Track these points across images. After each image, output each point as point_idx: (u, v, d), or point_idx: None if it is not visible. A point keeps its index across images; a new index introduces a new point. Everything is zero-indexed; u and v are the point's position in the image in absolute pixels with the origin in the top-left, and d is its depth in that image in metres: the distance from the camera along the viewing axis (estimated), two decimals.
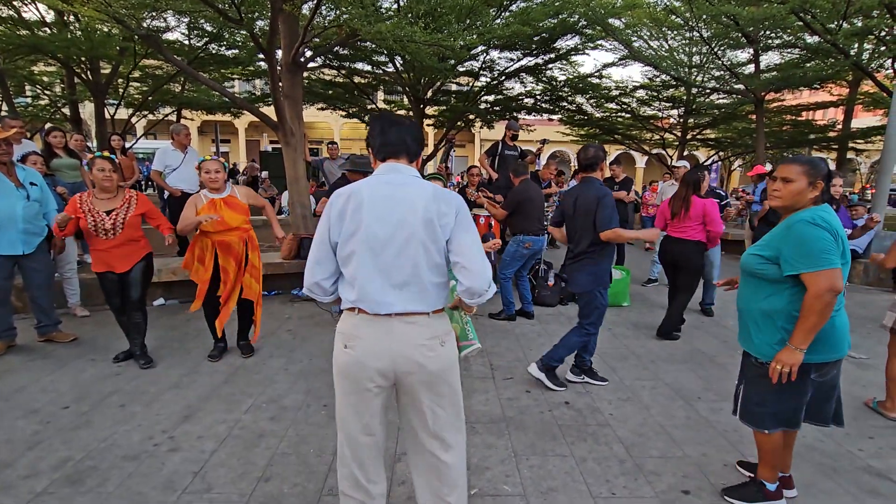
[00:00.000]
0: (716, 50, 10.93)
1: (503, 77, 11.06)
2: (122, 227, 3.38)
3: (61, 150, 5.11)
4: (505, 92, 11.93)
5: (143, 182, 10.65)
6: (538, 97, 11.79)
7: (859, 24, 8.20)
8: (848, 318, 2.01)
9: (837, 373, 2.03)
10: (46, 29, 8.48)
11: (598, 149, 3.21)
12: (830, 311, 1.81)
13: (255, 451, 2.53)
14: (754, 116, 11.03)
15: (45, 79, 10.42)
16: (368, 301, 1.55)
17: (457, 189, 11.55)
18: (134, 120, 11.64)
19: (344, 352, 1.61)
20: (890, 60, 8.75)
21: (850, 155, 14.91)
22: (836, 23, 7.63)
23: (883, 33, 8.27)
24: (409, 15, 6.26)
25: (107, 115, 9.93)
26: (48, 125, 7.82)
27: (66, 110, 10.26)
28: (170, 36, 9.51)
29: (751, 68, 11.03)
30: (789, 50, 10.88)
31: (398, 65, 9.77)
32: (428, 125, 12.71)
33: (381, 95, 13.61)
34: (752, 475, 2.26)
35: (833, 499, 2.24)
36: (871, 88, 10.94)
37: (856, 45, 9.36)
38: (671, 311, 4.42)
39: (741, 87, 10.60)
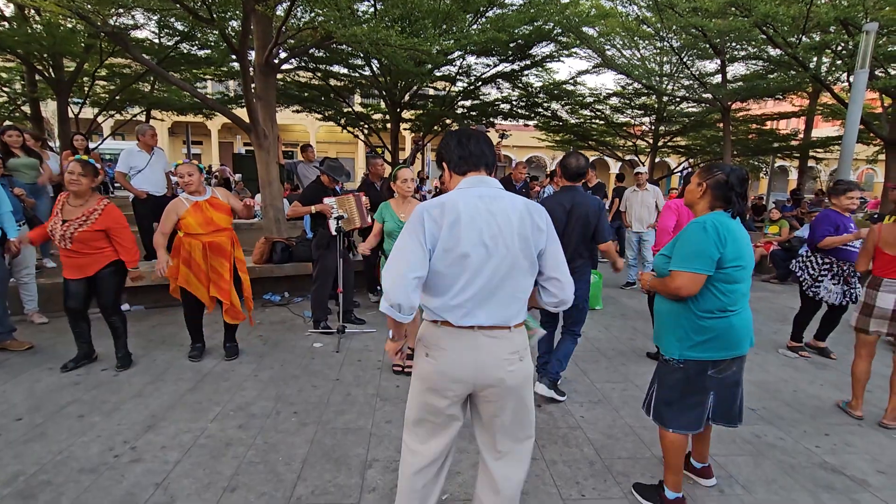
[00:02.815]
0: (685, 60, 11.29)
1: (480, 82, 11.17)
2: (70, 241, 3.26)
3: (18, 149, 4.89)
4: (481, 97, 12.06)
5: (109, 183, 10.28)
6: (514, 103, 11.96)
7: (817, 39, 8.60)
8: (750, 319, 2.06)
9: (738, 370, 2.08)
10: (5, 23, 8.13)
11: (587, 159, 3.29)
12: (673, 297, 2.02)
13: (222, 460, 2.46)
14: (722, 124, 11.42)
15: (4, 75, 9.96)
16: (456, 314, 1.55)
17: (434, 194, 11.57)
18: (100, 119, 11.25)
19: (426, 360, 1.63)
20: (845, 74, 9.19)
21: (811, 163, 15.56)
22: (796, 37, 7.98)
23: (839, 48, 8.69)
24: (386, 18, 6.25)
25: (71, 114, 9.56)
26: (6, 123, 7.48)
27: (27, 108, 9.84)
28: (139, 34, 9.24)
29: (718, 78, 11.42)
30: (754, 61, 11.33)
31: (375, 68, 9.75)
32: (405, 129, 12.70)
33: (357, 99, 13.54)
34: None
35: (791, 494, 2.32)
36: (829, 100, 11.47)
37: (814, 59, 9.80)
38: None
39: (709, 96, 10.97)
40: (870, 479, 2.46)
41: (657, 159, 15.51)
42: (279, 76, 8.22)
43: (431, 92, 12.49)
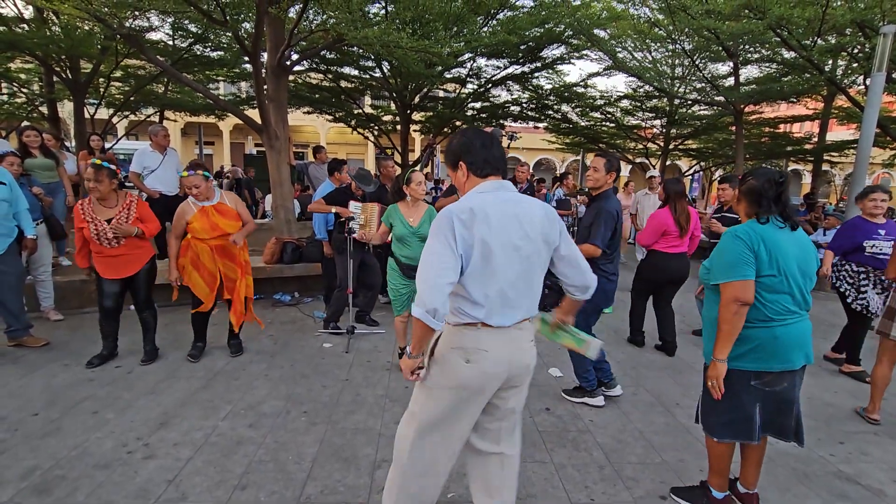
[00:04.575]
0: (697, 62, 11.19)
1: (490, 84, 11.17)
2: (124, 238, 3.40)
3: (36, 149, 4.98)
4: (492, 99, 12.05)
5: (122, 183, 10.42)
6: (524, 105, 11.94)
7: (833, 42, 8.48)
8: (804, 332, 1.98)
9: (790, 387, 2.01)
10: (24, 25, 8.29)
11: None
12: (740, 320, 1.91)
13: (233, 458, 2.48)
14: (734, 128, 11.30)
15: (23, 76, 10.15)
16: (495, 315, 1.60)
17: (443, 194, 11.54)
18: (115, 120, 11.42)
19: (466, 367, 1.61)
20: (862, 77, 9.05)
21: (825, 167, 15.33)
22: (811, 39, 7.88)
23: (856, 51, 8.56)
24: (397, 21, 6.28)
25: (86, 115, 9.72)
26: (24, 124, 7.62)
27: (44, 109, 10.02)
28: (153, 36, 9.38)
29: (731, 81, 11.32)
30: (767, 64, 11.19)
31: (385, 70, 9.78)
32: (414, 131, 12.74)
33: (367, 100, 13.61)
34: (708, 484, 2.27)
35: (805, 502, 2.30)
36: (844, 103, 11.29)
37: (830, 62, 9.67)
38: (671, 328, 4.26)
39: (721, 99, 10.86)
40: (886, 488, 2.42)
41: (668, 162, 15.38)
42: (291, 78, 8.29)
43: (441, 94, 12.52)
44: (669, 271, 4.20)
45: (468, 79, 10.98)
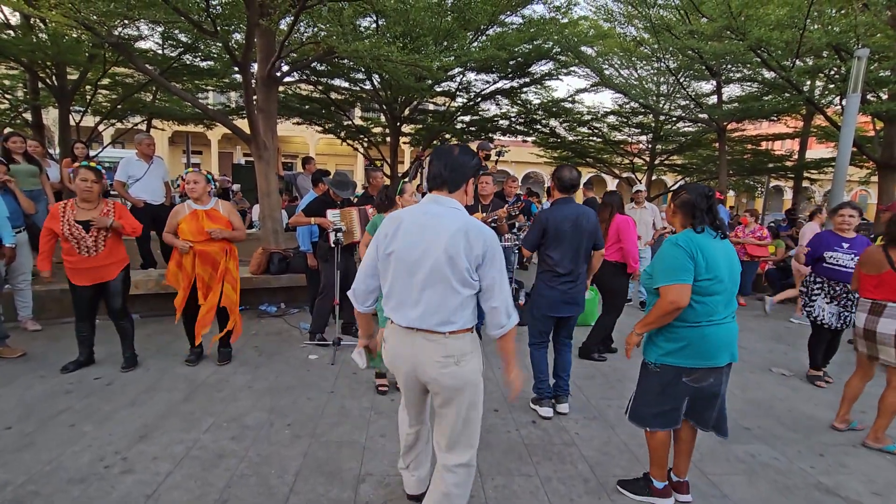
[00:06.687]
0: (681, 80, 11.48)
1: (479, 98, 11.31)
2: (105, 245, 3.40)
3: (20, 155, 4.91)
4: (481, 113, 12.20)
5: (108, 191, 10.28)
6: (513, 119, 12.10)
7: (811, 63, 8.78)
8: (730, 333, 2.15)
9: (717, 383, 2.19)
10: (10, 32, 8.21)
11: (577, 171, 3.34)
12: (670, 318, 2.12)
13: (214, 472, 2.44)
14: (717, 144, 11.57)
15: (7, 82, 10.01)
16: (398, 314, 1.78)
17: None
18: (101, 128, 11.28)
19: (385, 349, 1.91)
20: (838, 97, 9.35)
21: (805, 184, 15.73)
22: (789, 60, 8.15)
23: (832, 72, 8.86)
24: (387, 35, 6.36)
25: (72, 122, 9.60)
26: (7, 130, 7.50)
27: (28, 115, 9.87)
28: (142, 45, 9.35)
29: (714, 99, 11.61)
30: (749, 83, 11.52)
31: (375, 83, 9.86)
32: (404, 143, 12.81)
33: (357, 112, 13.68)
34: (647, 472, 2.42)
35: None
36: (823, 122, 11.64)
37: (808, 83, 10.00)
38: (592, 330, 4.43)
39: (705, 116, 11.12)
40: (865, 500, 2.46)
41: (654, 177, 15.65)
42: (280, 88, 8.31)
43: (431, 107, 12.63)
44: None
45: (458, 92, 11.12)
